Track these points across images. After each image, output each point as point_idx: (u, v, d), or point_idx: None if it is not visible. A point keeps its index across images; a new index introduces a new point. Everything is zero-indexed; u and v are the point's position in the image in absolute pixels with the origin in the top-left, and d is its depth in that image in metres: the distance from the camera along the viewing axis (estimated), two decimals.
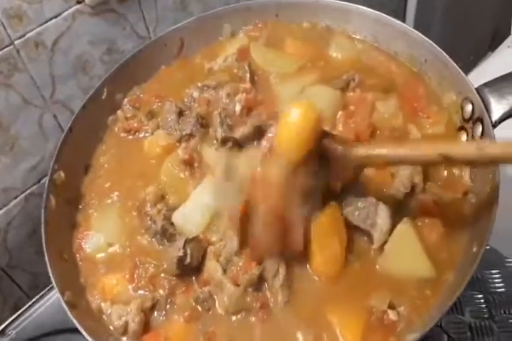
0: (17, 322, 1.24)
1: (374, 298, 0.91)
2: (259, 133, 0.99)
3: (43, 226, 1.00)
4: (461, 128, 1.08)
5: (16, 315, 1.25)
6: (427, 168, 1.02)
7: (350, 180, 0.96)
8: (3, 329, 1.22)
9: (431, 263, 0.93)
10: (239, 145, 1.02)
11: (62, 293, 0.93)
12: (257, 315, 0.91)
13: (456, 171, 1.04)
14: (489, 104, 1.01)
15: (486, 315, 1.24)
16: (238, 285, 0.92)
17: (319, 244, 0.92)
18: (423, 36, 1.16)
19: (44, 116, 1.32)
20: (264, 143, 0.91)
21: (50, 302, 1.25)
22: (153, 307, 0.94)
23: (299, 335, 0.90)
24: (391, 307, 0.90)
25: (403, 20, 2.27)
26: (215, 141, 1.10)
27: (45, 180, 1.08)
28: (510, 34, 2.10)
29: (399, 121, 1.11)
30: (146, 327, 0.93)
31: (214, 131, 1.11)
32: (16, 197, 1.34)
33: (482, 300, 1.26)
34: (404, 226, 0.95)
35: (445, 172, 1.04)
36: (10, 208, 1.34)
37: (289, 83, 1.19)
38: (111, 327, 0.93)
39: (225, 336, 0.91)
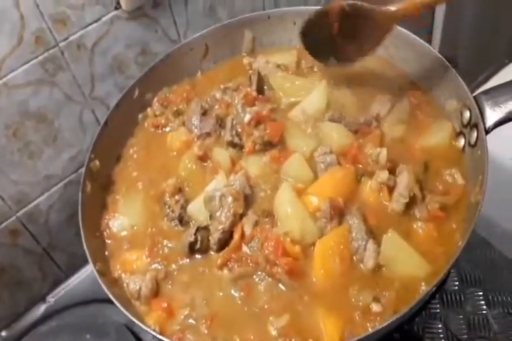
0: (55, 292, 1.46)
1: (359, 295, 0.98)
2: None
3: (80, 207, 1.14)
4: (460, 133, 1.15)
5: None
6: (420, 179, 1.08)
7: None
8: (44, 297, 1.46)
9: (425, 261, 0.99)
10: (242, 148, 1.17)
11: (94, 263, 1.07)
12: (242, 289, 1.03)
13: (448, 177, 1.10)
14: (484, 111, 1.07)
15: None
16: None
17: (322, 261, 1.01)
18: (425, 43, 1.22)
19: (84, 111, 1.42)
20: None
21: (83, 277, 1.46)
22: (165, 278, 1.07)
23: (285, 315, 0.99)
24: (376, 300, 0.97)
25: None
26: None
27: (83, 169, 1.21)
28: None
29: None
30: (157, 294, 1.06)
31: (224, 133, 1.22)
32: (56, 184, 1.45)
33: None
34: (389, 236, 1.01)
35: (439, 186, 1.10)
36: (51, 193, 1.45)
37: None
38: (127, 294, 1.06)
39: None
